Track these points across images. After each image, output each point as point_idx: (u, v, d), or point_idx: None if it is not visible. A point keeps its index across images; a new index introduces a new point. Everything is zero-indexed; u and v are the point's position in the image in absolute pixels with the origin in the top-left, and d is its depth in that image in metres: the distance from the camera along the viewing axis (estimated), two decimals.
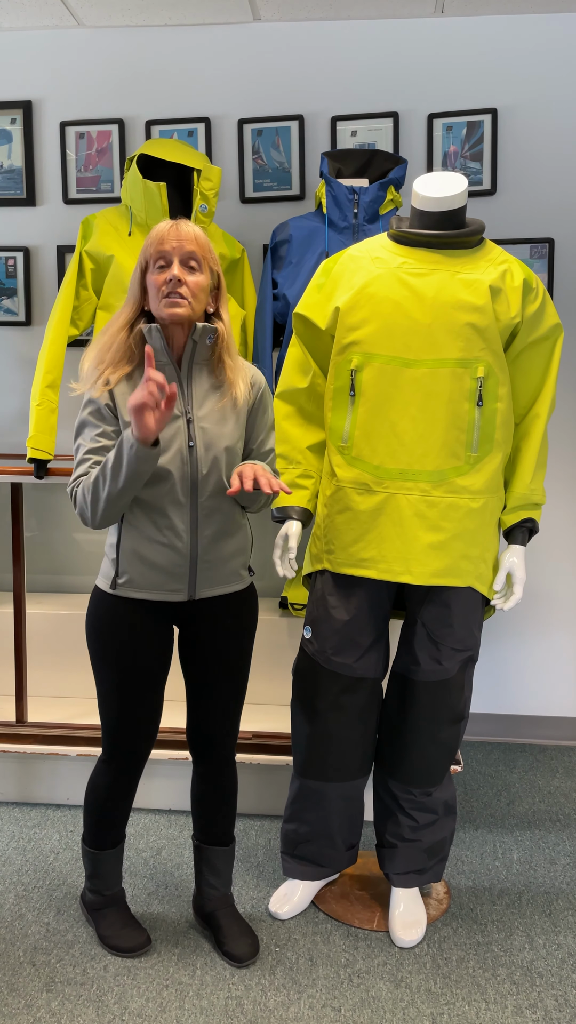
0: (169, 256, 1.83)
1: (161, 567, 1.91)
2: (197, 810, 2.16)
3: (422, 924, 2.22)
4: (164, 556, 1.91)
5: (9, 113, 3.24)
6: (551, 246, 3.11)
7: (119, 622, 1.95)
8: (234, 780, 2.15)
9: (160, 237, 1.84)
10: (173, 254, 1.83)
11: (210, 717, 2.08)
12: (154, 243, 1.84)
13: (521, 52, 3.07)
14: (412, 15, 3.07)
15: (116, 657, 1.97)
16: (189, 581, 1.94)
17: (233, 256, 2.92)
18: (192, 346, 1.88)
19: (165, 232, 1.84)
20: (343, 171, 2.84)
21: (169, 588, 1.94)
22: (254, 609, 2.08)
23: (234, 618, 2.03)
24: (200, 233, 1.87)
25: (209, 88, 3.17)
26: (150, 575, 1.92)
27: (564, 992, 2.02)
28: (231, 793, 2.15)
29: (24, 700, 2.79)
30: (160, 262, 1.84)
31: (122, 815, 2.12)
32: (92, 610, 2.00)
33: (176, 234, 1.84)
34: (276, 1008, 1.97)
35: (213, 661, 2.03)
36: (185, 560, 1.92)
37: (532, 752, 3.28)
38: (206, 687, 2.06)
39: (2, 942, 2.18)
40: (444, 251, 2.09)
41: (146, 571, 1.92)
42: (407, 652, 2.20)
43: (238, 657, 2.05)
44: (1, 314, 3.32)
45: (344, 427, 2.13)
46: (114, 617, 1.96)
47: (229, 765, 2.13)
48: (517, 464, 2.18)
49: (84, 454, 1.87)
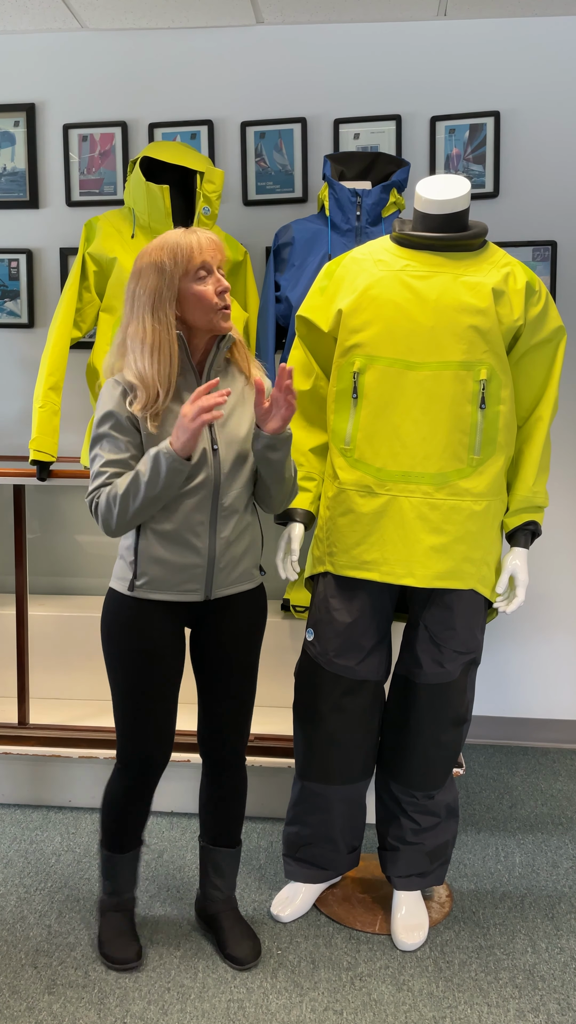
0: (210, 266, 1.85)
1: (180, 567, 1.93)
2: (206, 812, 2.16)
3: (424, 927, 2.22)
4: (183, 557, 1.92)
5: (12, 115, 3.25)
6: (554, 249, 3.11)
7: (137, 624, 1.95)
8: (244, 781, 2.15)
9: (198, 247, 1.84)
10: (213, 264, 1.86)
11: (223, 718, 2.07)
12: (186, 254, 1.83)
13: (524, 55, 3.07)
14: (415, 18, 3.07)
15: (134, 659, 1.96)
16: (206, 581, 1.96)
17: (236, 259, 2.92)
18: (215, 353, 1.92)
19: (195, 243, 1.84)
20: (346, 174, 2.85)
21: (186, 588, 1.95)
22: (264, 608, 2.10)
23: (246, 617, 2.04)
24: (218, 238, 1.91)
25: (212, 91, 3.18)
26: (168, 576, 1.93)
27: (567, 996, 2.02)
28: (242, 794, 2.15)
29: (26, 702, 2.79)
30: (201, 272, 1.84)
31: (139, 820, 2.10)
32: (108, 613, 1.99)
33: (210, 243, 1.86)
34: (278, 1011, 1.96)
35: (226, 660, 2.04)
36: (203, 560, 1.94)
37: (534, 755, 3.28)
38: (219, 687, 2.06)
39: (4, 944, 2.18)
40: (447, 254, 2.09)
41: (164, 572, 1.93)
42: (409, 655, 2.19)
43: (250, 656, 2.06)
44: (4, 316, 3.32)
45: (346, 429, 2.13)
46: (131, 619, 1.95)
47: (240, 766, 2.13)
48: (520, 467, 2.18)
49: (103, 465, 1.86)
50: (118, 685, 2.00)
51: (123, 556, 1.98)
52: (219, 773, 2.12)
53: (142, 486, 1.80)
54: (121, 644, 1.97)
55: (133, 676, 1.97)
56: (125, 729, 2.02)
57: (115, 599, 1.98)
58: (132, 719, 2.00)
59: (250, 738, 2.72)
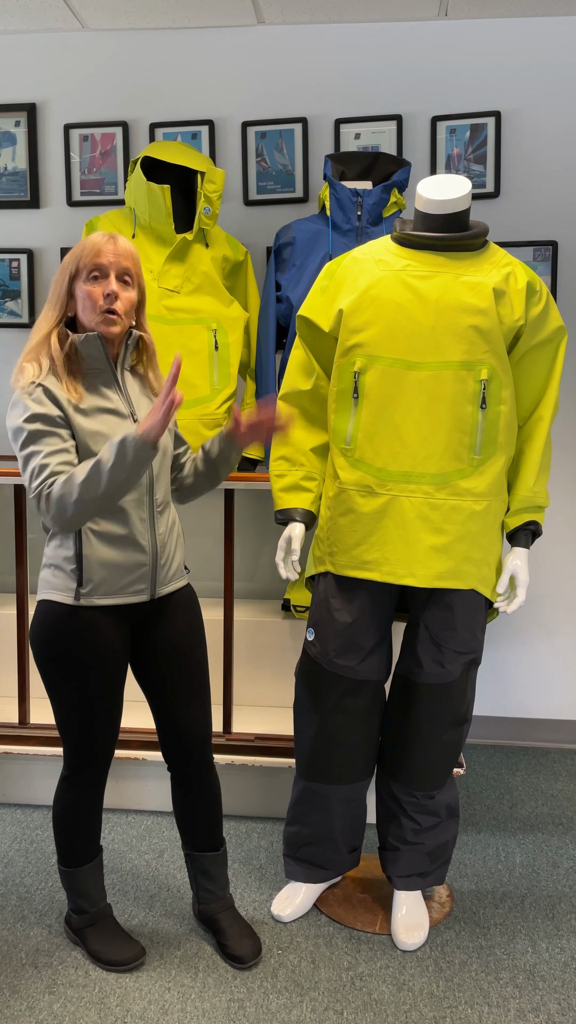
0: (106, 269, 1.86)
1: (128, 568, 1.93)
2: (184, 820, 2.13)
3: (424, 927, 2.22)
4: (130, 556, 1.93)
5: (13, 115, 3.25)
6: (555, 249, 3.11)
7: (84, 633, 1.91)
8: (217, 782, 2.14)
9: (97, 249, 1.86)
10: (110, 268, 1.87)
11: (183, 720, 2.05)
12: (90, 254, 1.86)
13: (525, 55, 3.07)
14: (415, 18, 3.07)
15: (84, 670, 1.93)
16: (151, 580, 1.97)
17: (236, 259, 2.92)
18: (125, 352, 1.95)
19: (103, 245, 1.87)
20: (346, 174, 2.85)
21: (134, 589, 1.95)
22: (199, 607, 2.13)
23: (187, 615, 2.06)
24: (135, 250, 1.92)
25: (213, 91, 3.18)
26: (116, 578, 1.92)
27: (567, 996, 2.02)
28: (217, 796, 2.13)
29: (27, 702, 2.79)
30: (95, 273, 1.86)
31: (97, 826, 2.09)
32: (48, 627, 1.92)
33: (114, 248, 1.87)
34: (278, 1011, 1.96)
35: (176, 660, 2.03)
36: (149, 558, 1.95)
37: (535, 755, 3.28)
38: (174, 688, 2.04)
39: (4, 944, 2.18)
40: (448, 254, 2.09)
41: (112, 575, 1.92)
42: (410, 655, 2.19)
43: (202, 653, 2.08)
44: (5, 316, 3.32)
45: (347, 429, 2.13)
46: (78, 629, 1.91)
47: (210, 767, 2.11)
48: (520, 467, 2.18)
49: (45, 457, 1.79)
50: (66, 698, 1.95)
51: (59, 566, 1.92)
52: (190, 779, 2.09)
53: (104, 472, 1.73)
54: (69, 657, 1.92)
55: (84, 687, 1.94)
56: (78, 739, 1.98)
57: (56, 611, 1.92)
58: (87, 728, 1.97)
59: (250, 738, 2.72)
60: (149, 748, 2.70)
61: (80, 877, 2.09)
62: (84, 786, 2.03)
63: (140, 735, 2.73)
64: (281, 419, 1.88)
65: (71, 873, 2.09)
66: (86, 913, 2.12)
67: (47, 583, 1.95)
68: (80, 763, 2.01)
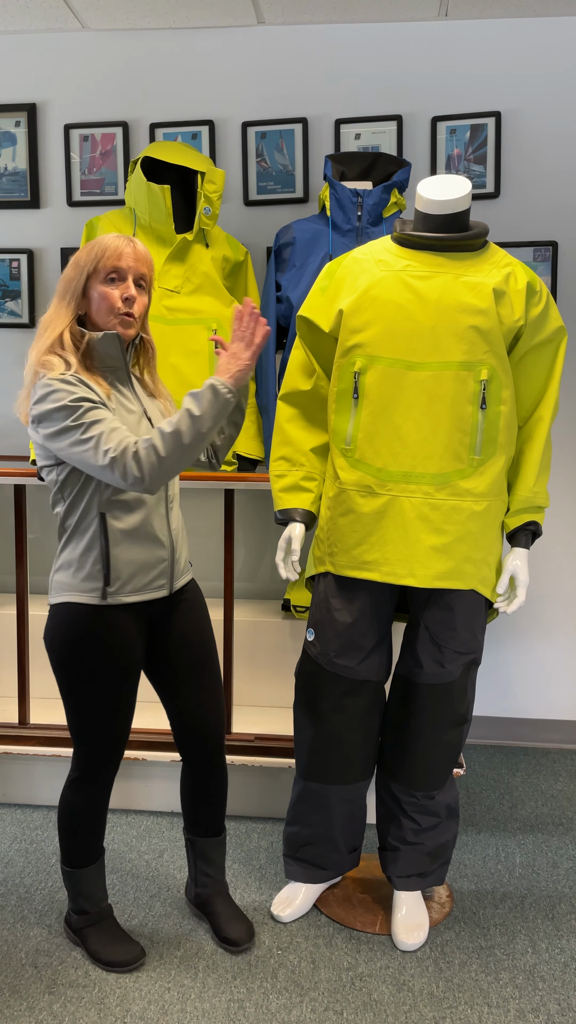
0: (124, 273, 1.88)
1: (151, 564, 1.95)
2: (191, 805, 2.17)
3: (424, 927, 2.22)
4: (152, 553, 1.94)
5: (13, 116, 3.25)
6: (555, 249, 3.11)
7: (112, 634, 1.92)
8: (226, 770, 2.18)
9: (119, 252, 1.87)
10: (128, 272, 1.88)
11: (204, 715, 2.08)
12: (112, 256, 1.86)
13: (525, 55, 3.07)
14: (416, 18, 3.07)
15: (109, 671, 1.92)
16: (170, 575, 2.00)
17: (237, 259, 2.92)
18: (132, 353, 2.00)
19: (123, 248, 1.87)
20: (347, 174, 2.85)
21: (156, 585, 1.97)
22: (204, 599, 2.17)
23: (197, 607, 2.10)
24: (151, 256, 1.95)
25: (213, 91, 3.18)
26: (140, 575, 1.94)
27: (567, 996, 2.02)
28: (225, 784, 2.18)
29: (27, 702, 2.79)
30: (112, 275, 1.87)
31: (102, 827, 2.10)
32: (73, 630, 1.91)
33: (134, 253, 1.88)
34: (278, 1011, 1.96)
35: (192, 651, 2.06)
36: (168, 553, 1.98)
37: (535, 756, 3.28)
38: (190, 679, 2.06)
39: (4, 944, 2.18)
40: (448, 254, 2.09)
41: (136, 572, 1.93)
42: (410, 655, 2.19)
43: (211, 643, 2.11)
44: (5, 316, 3.32)
45: (347, 429, 2.13)
46: (105, 629, 1.91)
47: (222, 756, 2.15)
48: (520, 467, 2.18)
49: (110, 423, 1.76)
50: (86, 701, 1.94)
51: (83, 566, 1.91)
52: (204, 768, 2.13)
53: (195, 421, 1.72)
54: (94, 659, 1.91)
55: (107, 688, 1.93)
56: (95, 742, 1.98)
57: (78, 613, 1.90)
58: (106, 730, 1.97)
59: (250, 738, 2.72)
60: (150, 748, 2.70)
61: (83, 878, 2.10)
62: (95, 788, 2.03)
63: (141, 735, 2.73)
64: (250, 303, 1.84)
65: (74, 874, 2.10)
66: (87, 913, 2.12)
67: (65, 585, 1.93)
68: (94, 766, 2.01)
